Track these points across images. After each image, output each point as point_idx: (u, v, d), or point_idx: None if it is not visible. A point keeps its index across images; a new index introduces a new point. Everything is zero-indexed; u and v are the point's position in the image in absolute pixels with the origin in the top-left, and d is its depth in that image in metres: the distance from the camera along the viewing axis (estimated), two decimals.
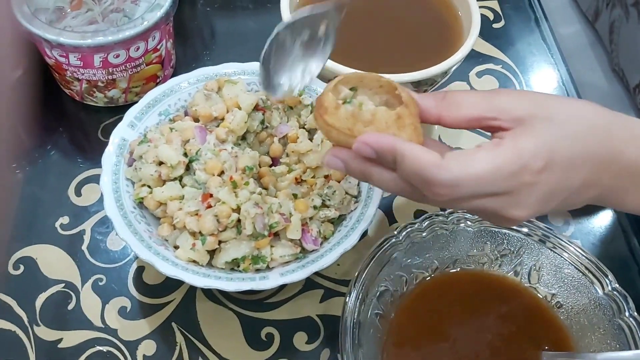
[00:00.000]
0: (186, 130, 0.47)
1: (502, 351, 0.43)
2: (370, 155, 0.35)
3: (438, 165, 0.34)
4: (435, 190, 0.34)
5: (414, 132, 0.36)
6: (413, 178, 0.35)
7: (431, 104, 0.37)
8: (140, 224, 0.44)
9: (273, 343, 0.46)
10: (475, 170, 0.34)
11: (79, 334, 0.46)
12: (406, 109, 0.37)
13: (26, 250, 0.49)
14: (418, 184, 0.35)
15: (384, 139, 0.35)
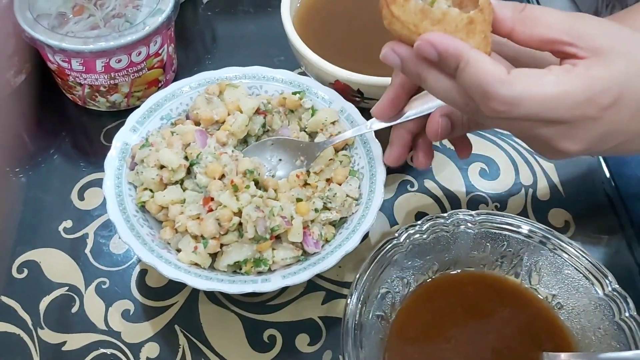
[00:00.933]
0: (187, 133, 0.48)
1: (504, 352, 0.43)
2: (431, 57, 0.34)
3: (502, 79, 0.32)
4: (493, 105, 0.33)
5: (483, 41, 0.35)
6: (473, 89, 0.33)
7: (507, 14, 0.35)
8: (142, 227, 0.44)
9: (275, 345, 0.46)
10: (540, 91, 0.32)
11: (83, 336, 0.46)
12: (480, 15, 0.35)
13: (30, 254, 0.50)
14: (476, 96, 0.33)
15: (451, 41, 0.33)
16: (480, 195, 0.55)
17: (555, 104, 0.32)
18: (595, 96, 0.32)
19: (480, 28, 0.34)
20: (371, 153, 0.48)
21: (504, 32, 0.35)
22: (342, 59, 0.52)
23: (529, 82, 0.32)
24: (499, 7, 0.35)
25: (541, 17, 0.35)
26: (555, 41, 0.34)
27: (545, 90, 0.32)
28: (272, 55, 0.63)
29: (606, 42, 0.34)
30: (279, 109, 0.51)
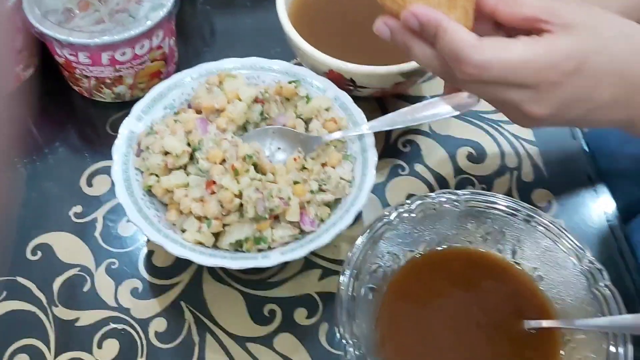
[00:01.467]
0: (189, 121, 0.50)
1: (488, 321, 0.46)
2: (414, 27, 0.38)
3: (473, 44, 0.36)
4: (465, 69, 0.36)
5: (464, 16, 0.38)
6: (449, 54, 0.37)
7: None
8: (149, 209, 0.47)
9: (275, 318, 0.49)
10: (507, 56, 0.36)
11: (95, 313, 0.49)
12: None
13: (43, 237, 0.53)
14: (451, 61, 0.37)
15: (431, 12, 0.37)
16: (467, 178, 0.58)
17: (520, 67, 0.36)
18: (558, 61, 0.35)
19: (461, 3, 0.38)
20: (363, 139, 0.51)
21: (488, 10, 0.39)
22: (335, 50, 0.55)
23: (497, 47, 0.36)
24: None
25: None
26: (534, 19, 0.37)
27: (512, 55, 0.36)
28: (268, 47, 0.66)
29: (577, 18, 0.37)
30: (276, 97, 0.54)
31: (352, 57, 0.55)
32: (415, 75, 0.56)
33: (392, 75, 0.55)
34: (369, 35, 0.60)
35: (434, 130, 0.61)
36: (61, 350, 0.47)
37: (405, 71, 0.54)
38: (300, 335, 0.49)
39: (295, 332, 0.49)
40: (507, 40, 0.37)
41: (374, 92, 0.58)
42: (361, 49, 0.58)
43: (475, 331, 0.46)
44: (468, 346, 0.45)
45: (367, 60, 0.55)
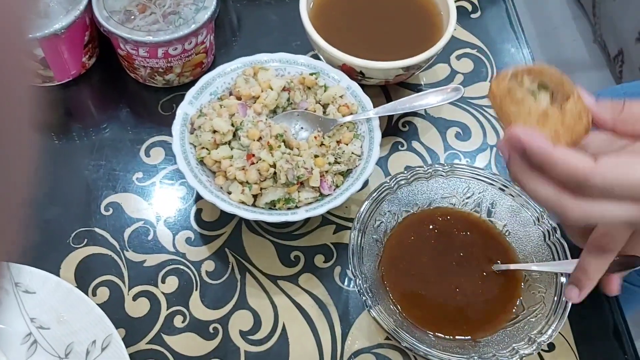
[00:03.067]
0: (231, 106, 0.63)
1: (465, 265, 0.59)
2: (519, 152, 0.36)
3: (592, 169, 0.34)
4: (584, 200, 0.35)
5: (554, 136, 0.37)
6: (567, 183, 0.35)
7: (607, 116, 0.38)
8: (202, 176, 0.60)
9: (299, 262, 0.62)
10: (631, 178, 0.34)
11: (158, 256, 0.62)
12: (558, 114, 0.37)
13: (113, 197, 0.65)
14: (570, 186, 0.35)
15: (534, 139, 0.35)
16: (455, 153, 0.71)
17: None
18: None
19: (552, 124, 0.37)
20: (370, 121, 0.64)
21: (608, 129, 0.38)
22: (348, 46, 0.66)
23: (619, 169, 0.34)
24: (598, 111, 0.38)
25: None
26: None
27: (636, 176, 0.34)
28: (290, 40, 0.77)
29: None
30: (300, 86, 0.66)
31: (362, 53, 0.66)
32: (413, 69, 0.68)
33: (394, 69, 0.67)
34: (376, 35, 0.72)
35: (428, 113, 0.73)
36: (133, 284, 0.61)
37: (405, 65, 0.66)
38: (319, 275, 0.62)
39: (315, 272, 0.62)
40: (626, 158, 0.35)
41: (379, 82, 0.70)
42: (369, 47, 0.69)
43: (455, 271, 0.59)
44: (449, 282, 0.58)
45: (374, 56, 0.66)
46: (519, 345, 0.53)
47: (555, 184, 0.36)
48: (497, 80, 0.41)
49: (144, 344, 0.57)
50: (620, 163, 0.35)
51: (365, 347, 0.58)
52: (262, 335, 0.58)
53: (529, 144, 0.36)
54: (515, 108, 0.39)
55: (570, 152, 0.36)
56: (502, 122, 0.41)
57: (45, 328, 0.55)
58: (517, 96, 0.39)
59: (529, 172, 0.38)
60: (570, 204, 0.36)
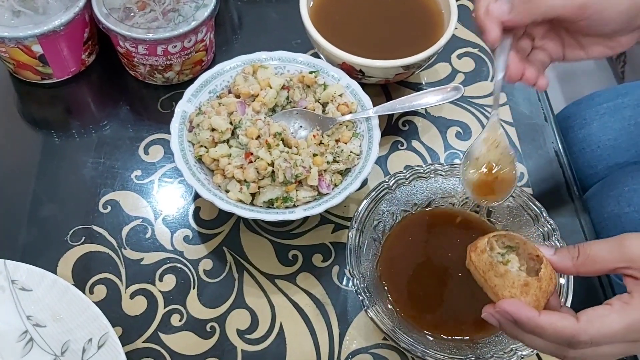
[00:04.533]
0: (230, 104, 0.63)
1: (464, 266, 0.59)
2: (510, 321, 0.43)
3: (577, 331, 0.40)
4: (580, 350, 0.41)
5: (535, 302, 0.43)
6: (558, 344, 0.41)
7: (568, 264, 0.44)
8: (200, 174, 0.60)
9: (297, 261, 0.62)
10: (610, 330, 0.40)
11: (156, 254, 0.62)
12: (537, 283, 0.44)
13: (111, 194, 0.65)
14: (563, 350, 0.42)
15: (521, 311, 0.42)
16: (455, 153, 0.70)
17: (624, 333, 0.40)
18: None
19: (533, 292, 0.43)
20: (370, 120, 0.63)
21: (571, 274, 0.46)
22: (348, 45, 0.66)
23: (598, 324, 0.40)
24: (559, 261, 0.44)
25: (595, 256, 0.43)
26: (613, 270, 0.43)
27: (613, 327, 0.40)
28: (290, 38, 0.77)
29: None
30: (299, 84, 0.66)
31: (362, 52, 0.66)
32: (413, 68, 0.68)
33: (394, 68, 0.66)
34: (375, 34, 0.72)
35: (429, 113, 0.73)
36: (130, 282, 0.60)
37: (406, 64, 0.66)
38: (317, 274, 0.61)
39: (313, 272, 0.62)
40: (602, 311, 0.41)
41: (379, 81, 0.70)
42: (368, 46, 0.69)
43: (453, 272, 0.58)
44: (447, 283, 0.58)
45: (374, 55, 0.66)
46: (518, 347, 0.52)
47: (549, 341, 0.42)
48: (475, 252, 0.47)
49: (141, 342, 0.57)
50: (597, 316, 0.41)
51: (363, 347, 0.58)
52: (260, 334, 0.58)
53: (518, 316, 0.42)
54: (500, 281, 0.45)
55: (554, 317, 0.42)
56: (484, 288, 0.47)
57: (41, 326, 0.55)
58: (499, 270, 0.45)
59: (522, 333, 0.44)
60: (568, 353, 0.42)
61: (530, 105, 0.74)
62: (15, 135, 0.70)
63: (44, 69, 0.70)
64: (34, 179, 0.66)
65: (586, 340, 0.40)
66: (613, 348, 0.42)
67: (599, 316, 0.41)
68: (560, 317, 0.42)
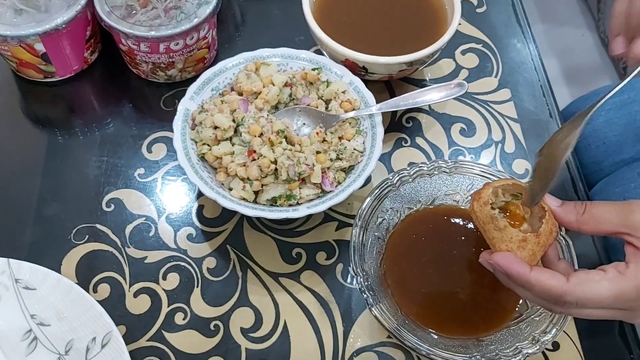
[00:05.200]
0: (233, 102, 0.62)
1: (468, 263, 0.58)
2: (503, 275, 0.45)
3: (564, 291, 0.41)
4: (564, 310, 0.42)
5: (531, 257, 0.44)
6: (545, 300, 0.43)
7: (572, 218, 0.44)
8: (203, 172, 0.59)
9: (301, 259, 0.62)
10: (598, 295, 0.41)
11: (159, 253, 0.62)
12: (535, 238, 0.44)
13: (115, 193, 0.65)
14: (550, 304, 0.43)
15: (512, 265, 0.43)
16: (459, 150, 0.70)
17: (612, 301, 0.41)
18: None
19: (530, 247, 0.44)
20: (373, 117, 0.63)
21: (573, 229, 0.45)
22: (351, 41, 0.66)
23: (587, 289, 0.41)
24: (563, 213, 0.45)
25: (600, 216, 0.43)
26: (615, 232, 0.43)
27: (602, 293, 0.41)
28: (293, 35, 0.76)
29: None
30: (302, 81, 0.66)
31: (365, 48, 0.65)
32: (417, 64, 0.68)
33: (398, 64, 0.66)
34: (378, 30, 0.71)
35: (432, 109, 0.73)
36: (134, 281, 0.60)
37: (409, 60, 0.65)
38: (321, 272, 0.61)
39: (317, 270, 0.61)
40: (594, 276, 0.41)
41: (382, 77, 0.70)
42: (372, 42, 0.69)
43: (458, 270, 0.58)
44: (452, 281, 0.57)
45: (377, 51, 0.66)
46: (523, 345, 0.52)
47: None
48: (478, 202, 0.47)
49: (145, 341, 0.57)
50: (588, 280, 0.42)
51: (368, 345, 0.58)
52: (264, 332, 0.58)
53: (509, 270, 0.44)
54: (498, 234, 0.46)
55: (544, 274, 0.43)
56: (485, 237, 0.48)
57: (45, 325, 0.55)
58: (499, 225, 0.46)
59: (514, 284, 0.45)
60: (555, 308, 0.44)
61: (535, 101, 0.74)
62: (18, 134, 0.70)
63: (47, 67, 0.70)
64: (38, 177, 0.66)
65: (572, 300, 0.41)
66: (599, 312, 0.42)
67: (589, 280, 0.42)
68: (550, 275, 0.42)
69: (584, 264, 0.52)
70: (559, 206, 0.46)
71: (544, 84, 0.75)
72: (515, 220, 0.48)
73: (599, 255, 0.63)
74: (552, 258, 0.47)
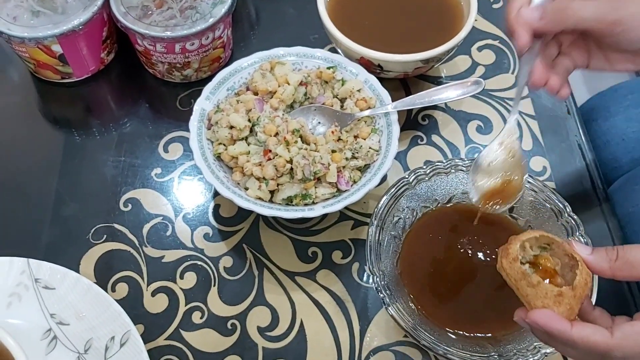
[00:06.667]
0: (248, 101, 0.62)
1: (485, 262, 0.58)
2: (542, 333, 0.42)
3: (610, 347, 0.40)
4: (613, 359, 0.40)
5: (568, 311, 0.42)
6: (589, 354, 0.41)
7: (604, 266, 0.43)
8: (219, 172, 0.60)
9: (317, 258, 0.62)
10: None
11: (176, 252, 0.62)
12: (571, 291, 0.43)
13: (132, 193, 0.66)
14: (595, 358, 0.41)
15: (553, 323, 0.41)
16: (476, 147, 0.70)
17: None
18: None
19: (567, 301, 0.42)
20: (389, 116, 0.63)
21: (606, 277, 0.44)
22: (366, 39, 0.66)
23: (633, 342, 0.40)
24: (595, 262, 0.43)
25: (634, 261, 0.42)
26: None
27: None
28: (308, 34, 0.76)
29: None
30: (317, 80, 0.65)
31: (380, 46, 0.65)
32: (432, 61, 0.67)
33: (413, 62, 0.65)
34: (394, 28, 0.71)
35: (448, 107, 0.72)
36: (152, 280, 0.61)
37: (425, 58, 0.65)
38: (336, 271, 0.61)
39: (333, 269, 0.61)
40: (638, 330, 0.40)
41: (398, 75, 0.69)
42: (387, 40, 0.68)
43: (474, 269, 0.57)
44: (468, 280, 0.57)
45: (392, 49, 0.65)
46: (541, 344, 0.51)
47: None
48: (507, 259, 0.45)
49: (163, 339, 0.58)
50: (633, 334, 0.40)
51: (384, 344, 0.58)
52: (280, 331, 0.58)
53: (550, 329, 0.41)
54: (532, 291, 0.44)
55: (587, 329, 0.41)
56: (517, 294, 0.46)
57: (65, 324, 0.55)
58: (532, 281, 0.44)
59: (555, 342, 0.43)
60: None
61: (553, 97, 0.72)
62: (36, 134, 0.71)
63: (64, 68, 0.70)
64: (56, 178, 0.67)
65: (619, 356, 0.40)
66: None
67: (635, 334, 0.40)
68: (594, 330, 0.41)
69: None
70: (589, 254, 0.44)
71: None
72: (547, 273, 0.46)
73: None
74: (586, 308, 0.45)
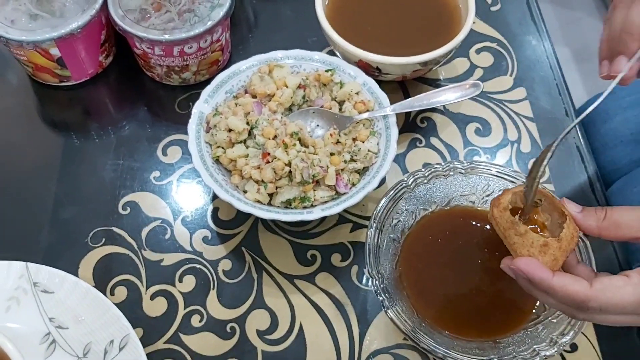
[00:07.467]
0: (247, 104, 0.62)
1: (484, 265, 0.58)
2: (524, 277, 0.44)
3: (588, 296, 0.41)
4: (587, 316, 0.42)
5: (552, 262, 0.44)
6: (568, 306, 0.42)
7: (592, 224, 0.45)
8: (218, 175, 0.60)
9: (316, 261, 0.62)
10: (621, 301, 0.41)
11: (175, 255, 0.62)
12: (557, 243, 0.44)
13: (130, 196, 0.66)
14: (573, 310, 0.43)
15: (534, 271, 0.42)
16: (475, 150, 0.70)
17: (636, 307, 0.41)
18: None
19: (552, 252, 0.43)
20: (387, 118, 0.63)
21: (593, 236, 0.45)
22: (364, 42, 0.66)
23: (610, 294, 0.41)
24: (584, 219, 0.45)
25: (620, 222, 0.43)
26: (636, 238, 0.43)
27: (625, 299, 0.41)
28: (306, 36, 0.76)
29: None
30: (315, 83, 0.65)
31: (378, 48, 0.65)
32: (431, 64, 0.67)
33: (412, 64, 0.65)
34: (391, 30, 0.71)
35: (447, 109, 0.72)
36: (151, 283, 0.61)
37: (423, 61, 0.65)
38: (336, 274, 0.61)
39: (332, 271, 0.61)
40: (617, 282, 0.41)
41: (396, 77, 0.69)
42: (385, 42, 0.68)
43: (474, 271, 0.57)
44: (468, 282, 0.57)
45: (390, 51, 0.65)
46: (540, 347, 0.51)
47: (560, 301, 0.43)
48: (498, 208, 0.47)
49: (162, 343, 0.57)
50: (611, 286, 0.41)
51: (384, 347, 0.58)
52: (279, 334, 0.58)
53: (532, 276, 0.43)
54: (519, 239, 0.45)
55: (567, 279, 0.42)
56: (505, 243, 0.47)
57: (63, 328, 0.55)
58: (520, 230, 0.45)
59: (536, 290, 0.45)
60: (577, 314, 0.44)
61: (551, 99, 0.73)
62: (34, 138, 0.71)
63: (62, 71, 0.70)
64: (55, 181, 0.67)
65: (595, 307, 0.41)
66: (622, 318, 0.42)
67: (612, 286, 0.41)
68: (573, 280, 0.42)
69: (602, 267, 0.52)
70: (579, 212, 0.46)
71: (559, 82, 0.74)
72: (536, 226, 0.47)
73: (618, 258, 0.62)
74: (571, 262, 0.47)
